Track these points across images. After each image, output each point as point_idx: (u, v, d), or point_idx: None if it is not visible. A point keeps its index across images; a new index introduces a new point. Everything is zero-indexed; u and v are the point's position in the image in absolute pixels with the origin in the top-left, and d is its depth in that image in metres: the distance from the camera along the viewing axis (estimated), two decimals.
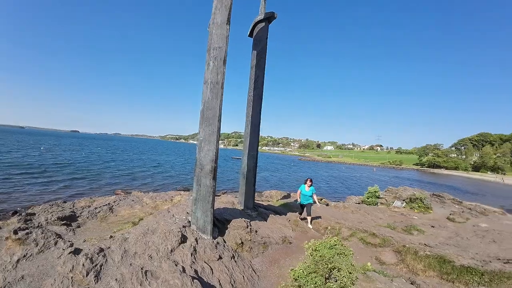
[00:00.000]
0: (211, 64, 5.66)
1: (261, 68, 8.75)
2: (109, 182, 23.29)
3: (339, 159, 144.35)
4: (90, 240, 5.46)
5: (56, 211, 7.20)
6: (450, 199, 18.54)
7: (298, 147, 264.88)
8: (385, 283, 3.80)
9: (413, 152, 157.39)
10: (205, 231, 5.52)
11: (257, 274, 5.04)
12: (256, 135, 8.86)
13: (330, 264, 3.44)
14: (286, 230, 7.74)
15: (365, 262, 5.50)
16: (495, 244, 8.33)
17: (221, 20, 5.70)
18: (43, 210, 7.36)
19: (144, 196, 10.65)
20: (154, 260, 4.34)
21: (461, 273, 5.31)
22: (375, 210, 14.15)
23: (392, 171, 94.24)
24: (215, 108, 5.54)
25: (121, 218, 7.66)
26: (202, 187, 5.64)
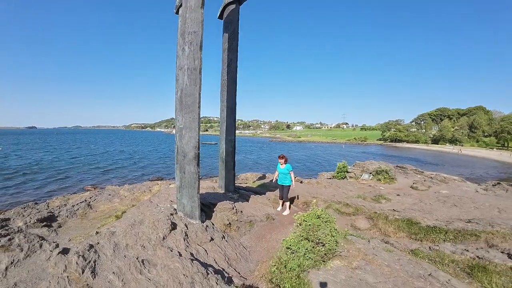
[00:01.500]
0: (187, 49, 5.59)
1: (233, 51, 8.71)
2: (77, 178, 22.28)
3: (308, 138, 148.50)
4: (75, 239, 5.37)
5: (34, 213, 6.88)
6: (412, 170, 20.13)
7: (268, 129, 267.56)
8: (364, 244, 4.26)
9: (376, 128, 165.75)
10: (193, 216, 5.65)
11: (247, 250, 5.31)
12: (233, 120, 8.95)
13: (319, 230, 3.78)
14: (268, 208, 8.07)
15: (342, 229, 5.97)
16: (456, 208, 9.28)
17: (195, 3, 5.58)
18: (17, 214, 6.99)
19: (120, 189, 10.40)
20: (148, 249, 4.42)
21: (428, 232, 5.97)
22: (346, 184, 15.01)
23: (359, 147, 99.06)
24: (194, 95, 5.54)
25: (101, 213, 7.51)
26: (187, 174, 5.70)
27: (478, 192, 12.94)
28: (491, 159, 59.36)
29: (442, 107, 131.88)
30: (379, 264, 3.61)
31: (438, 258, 4.27)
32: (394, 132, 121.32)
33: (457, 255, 4.36)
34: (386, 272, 3.46)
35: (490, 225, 6.14)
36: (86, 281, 3.54)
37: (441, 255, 4.36)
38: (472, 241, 5.59)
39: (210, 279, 3.34)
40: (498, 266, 4.08)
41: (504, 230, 5.86)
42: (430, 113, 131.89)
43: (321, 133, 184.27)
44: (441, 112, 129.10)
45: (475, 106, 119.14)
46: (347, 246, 4.10)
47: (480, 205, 9.54)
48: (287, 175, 8.00)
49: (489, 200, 10.43)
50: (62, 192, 16.63)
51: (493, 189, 13.60)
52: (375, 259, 3.73)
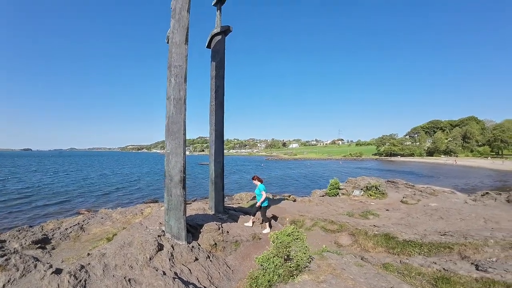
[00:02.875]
0: (173, 81, 6.10)
1: (220, 78, 9.27)
2: (71, 202, 22.32)
3: (304, 155, 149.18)
4: (68, 260, 5.62)
5: (28, 236, 7.14)
6: (403, 184, 20.48)
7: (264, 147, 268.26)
8: (337, 259, 4.56)
9: (371, 143, 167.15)
10: (179, 238, 5.94)
11: (231, 269, 5.58)
12: (221, 142, 9.38)
13: (288, 247, 4.11)
14: (255, 228, 8.34)
15: (325, 246, 6.27)
16: (442, 221, 9.58)
17: (180, 40, 6.14)
18: (13, 236, 7.23)
19: (113, 213, 10.63)
20: (135, 269, 4.70)
21: (404, 246, 6.29)
22: (337, 201, 15.30)
23: (355, 162, 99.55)
24: (179, 123, 5.99)
25: (93, 236, 7.75)
26: (173, 197, 6.05)
27: (467, 203, 13.28)
28: (486, 168, 59.86)
29: (434, 120, 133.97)
30: (344, 278, 3.92)
31: (406, 271, 4.58)
32: (389, 147, 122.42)
33: (424, 268, 4.67)
34: (349, 285, 3.76)
35: (464, 237, 6.45)
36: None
37: (410, 268, 4.67)
38: (445, 254, 5.90)
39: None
40: (463, 277, 4.37)
41: (477, 241, 6.17)
42: (423, 126, 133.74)
43: (317, 150, 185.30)
44: (433, 124, 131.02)
45: (467, 116, 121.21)
46: (319, 262, 4.42)
47: (466, 216, 9.86)
48: (259, 196, 8.30)
49: (476, 211, 10.74)
50: (56, 215, 16.68)
51: (481, 199, 13.95)
52: (342, 273, 4.04)
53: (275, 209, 12.22)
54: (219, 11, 9.37)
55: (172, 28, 6.22)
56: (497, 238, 6.00)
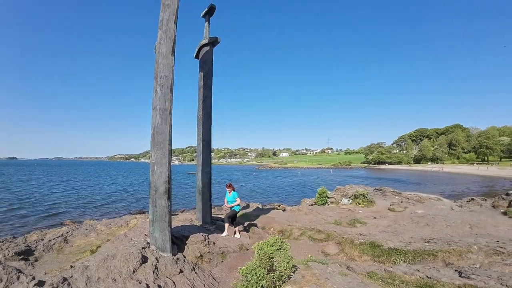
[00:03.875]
0: (159, 91, 6.11)
1: (208, 89, 9.33)
2: (57, 212, 21.74)
3: (295, 164, 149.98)
4: (50, 272, 5.46)
5: (12, 247, 6.93)
6: (390, 192, 20.76)
7: (255, 156, 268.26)
8: (321, 269, 4.59)
9: (360, 152, 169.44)
10: (164, 250, 5.86)
11: (217, 281, 5.52)
12: (208, 152, 9.38)
13: (271, 258, 4.12)
14: (243, 239, 8.29)
15: (312, 255, 6.28)
16: (428, 227, 9.73)
17: (166, 51, 6.19)
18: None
19: (98, 224, 10.40)
20: (118, 282, 4.61)
21: (389, 254, 6.37)
22: (326, 209, 15.37)
23: (345, 171, 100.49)
24: (164, 133, 5.98)
25: (77, 248, 7.56)
26: (158, 208, 5.99)
27: (453, 210, 13.53)
28: (472, 174, 61.36)
29: (420, 128, 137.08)
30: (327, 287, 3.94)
31: (390, 279, 4.63)
32: (377, 155, 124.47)
33: (408, 276, 4.73)
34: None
35: (448, 243, 6.58)
36: None
37: (393, 276, 4.73)
38: (430, 261, 6.00)
39: None
40: (446, 285, 4.44)
41: (461, 248, 6.30)
42: (410, 134, 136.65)
43: (306, 159, 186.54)
44: (420, 132, 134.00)
45: (452, 124, 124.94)
46: (304, 272, 4.43)
47: (452, 222, 10.04)
48: (234, 202, 8.56)
49: (462, 217, 10.95)
50: (41, 226, 16.23)
51: (467, 205, 14.24)
52: (326, 283, 4.05)
53: (264, 219, 12.20)
54: (207, 23, 9.50)
55: (159, 39, 6.27)
56: (480, 245, 6.14)
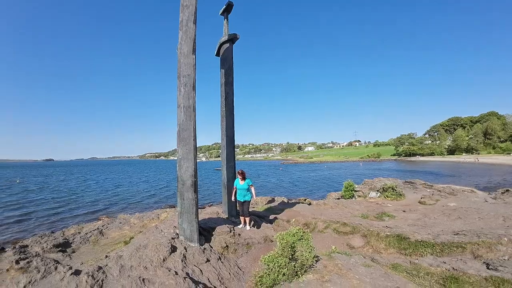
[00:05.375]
0: (182, 90, 6.37)
1: (230, 85, 9.52)
2: (93, 208, 23.16)
3: (320, 158, 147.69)
4: (87, 262, 5.95)
5: (50, 240, 7.56)
6: (421, 184, 19.98)
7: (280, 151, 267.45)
8: (344, 260, 4.61)
9: (389, 144, 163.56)
10: (192, 240, 6.15)
11: (242, 270, 5.72)
12: (232, 147, 9.59)
13: (293, 248, 4.21)
14: (268, 231, 8.45)
15: (336, 248, 6.29)
16: (460, 220, 9.35)
17: (187, 50, 6.43)
18: (35, 242, 7.67)
19: (131, 218, 11.05)
20: (149, 270, 4.93)
21: (416, 247, 6.22)
22: (352, 203, 15.13)
23: (374, 164, 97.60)
24: (189, 129, 6.24)
25: (112, 240, 8.11)
26: (186, 200, 6.28)
27: (487, 202, 12.86)
28: (510, 165, 57.42)
29: (454, 117, 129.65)
30: (350, 278, 3.96)
31: (415, 271, 4.57)
32: (408, 146, 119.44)
33: (433, 268, 4.64)
34: (354, 284, 3.81)
35: (477, 235, 6.32)
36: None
37: (418, 268, 4.66)
38: (458, 253, 5.81)
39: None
40: (472, 277, 4.33)
41: (490, 240, 6.03)
42: (443, 124, 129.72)
43: (333, 153, 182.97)
44: (453, 121, 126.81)
45: (487, 112, 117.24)
46: (326, 262, 4.48)
47: (485, 215, 9.58)
48: (247, 190, 8.10)
49: (496, 209, 10.42)
50: (78, 221, 17.42)
51: (502, 196, 13.49)
52: (348, 273, 4.08)
53: (288, 212, 12.26)
54: (226, 20, 9.66)
55: (180, 39, 6.51)
56: (511, 236, 5.85)
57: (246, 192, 8.07)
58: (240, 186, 8.05)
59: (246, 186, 8.03)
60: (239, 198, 8.12)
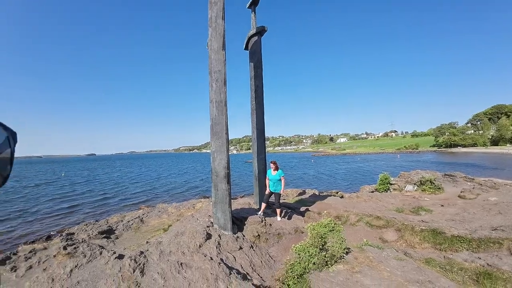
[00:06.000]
0: (214, 85, 6.60)
1: (259, 78, 9.63)
2: (133, 199, 24.64)
3: (354, 150, 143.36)
4: (129, 247, 6.48)
5: (95, 228, 8.29)
6: (462, 177, 18.83)
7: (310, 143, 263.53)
8: (376, 253, 4.61)
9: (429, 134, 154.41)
10: (226, 228, 6.45)
11: (273, 259, 5.92)
12: (262, 140, 9.75)
13: (323, 238, 4.29)
14: (298, 222, 8.57)
15: (366, 240, 6.26)
16: (500, 216, 8.81)
17: (217, 46, 6.63)
18: (81, 230, 8.46)
19: (169, 207, 11.72)
20: (187, 255, 5.29)
21: (452, 242, 6.01)
22: (387, 197, 14.71)
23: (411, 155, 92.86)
24: (222, 123, 6.48)
25: (152, 227, 8.70)
26: (219, 191, 6.58)
27: None
28: None
29: (497, 104, 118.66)
30: (380, 270, 3.97)
31: (448, 266, 4.46)
32: (448, 137, 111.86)
33: (467, 263, 4.50)
34: (384, 276, 3.81)
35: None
36: (136, 279, 4.48)
37: (452, 263, 4.53)
38: (495, 249, 5.54)
39: (231, 277, 4.06)
40: (506, 273, 4.15)
41: None
42: (486, 112, 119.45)
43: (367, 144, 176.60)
44: (497, 109, 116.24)
45: None
46: (357, 254, 4.51)
47: None
48: (279, 182, 8.04)
49: None
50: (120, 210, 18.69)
51: None
52: (379, 265, 4.08)
53: (320, 204, 12.24)
54: (253, 13, 9.72)
55: (210, 36, 6.72)
56: None
57: (278, 183, 8.04)
58: (272, 177, 8.02)
59: (278, 177, 7.98)
60: (271, 188, 8.11)
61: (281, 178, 8.01)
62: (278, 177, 7.98)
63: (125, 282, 4.45)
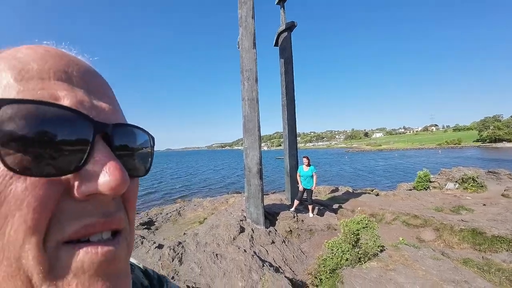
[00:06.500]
0: (246, 84, 6.78)
1: (289, 75, 9.62)
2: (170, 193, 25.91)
3: (391, 146, 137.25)
4: (168, 238, 6.90)
5: (136, 219, 8.88)
6: (506, 175, 17.37)
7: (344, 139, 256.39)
8: (412, 252, 4.51)
9: (472, 128, 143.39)
10: (258, 223, 6.64)
11: (305, 254, 6.00)
12: (294, 136, 9.79)
13: (356, 235, 4.29)
14: (331, 219, 8.52)
15: (402, 239, 6.11)
16: None
17: (248, 45, 6.78)
18: None
19: (204, 201, 12.20)
20: (221, 246, 5.56)
21: (492, 242, 5.70)
22: (426, 195, 14.04)
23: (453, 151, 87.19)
24: (254, 121, 6.65)
25: (188, 220, 9.16)
26: (252, 186, 6.78)
27: None
28: None
29: None
30: (416, 268, 3.90)
31: (486, 267, 4.30)
32: (493, 131, 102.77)
33: (505, 264, 4.30)
34: (419, 275, 3.74)
35: None
36: (174, 267, 4.82)
37: (490, 263, 4.36)
38: None
39: (264, 268, 4.23)
40: None
41: None
42: None
43: (405, 139, 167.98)
44: None
45: None
46: (392, 253, 4.44)
47: None
48: (311, 178, 7.91)
49: None
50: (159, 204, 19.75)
51: None
52: (414, 264, 4.02)
53: (353, 202, 12.03)
54: (282, 9, 9.72)
55: (241, 35, 6.89)
56: None
57: (310, 179, 7.93)
58: (304, 172, 7.94)
59: (310, 173, 7.88)
60: (304, 185, 8.01)
61: (313, 174, 7.92)
62: (310, 173, 7.89)
63: (165, 270, 4.81)
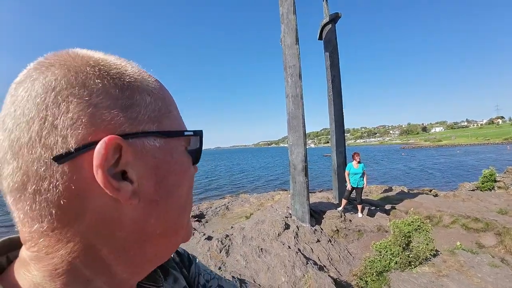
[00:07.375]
0: (289, 80, 6.76)
1: (335, 68, 9.29)
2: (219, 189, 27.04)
3: (452, 141, 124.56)
4: (217, 231, 7.22)
5: None
6: None
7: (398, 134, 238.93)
8: (468, 257, 4.09)
9: None
10: (303, 220, 6.60)
11: (352, 255, 5.80)
12: (341, 132, 9.46)
13: (408, 237, 4.02)
14: (382, 220, 8.09)
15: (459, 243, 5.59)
16: None
17: (291, 41, 6.73)
18: None
19: (250, 197, 12.51)
20: (266, 241, 5.67)
21: None
22: (490, 196, 12.53)
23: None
24: (298, 117, 6.61)
25: (236, 214, 9.48)
26: (297, 184, 6.76)
27: None
28: None
29: None
30: (470, 275, 3.54)
31: None
32: None
33: None
34: (473, 282, 3.41)
35: None
36: (222, 258, 5.05)
37: None
38: None
39: (308, 266, 4.22)
40: None
41: None
42: None
43: (468, 133, 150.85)
44: None
45: None
46: (446, 258, 4.08)
47: None
48: (361, 176, 7.54)
49: None
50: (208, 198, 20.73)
51: None
52: (470, 271, 3.65)
53: (408, 203, 11.25)
54: (325, 1, 9.40)
55: (283, 32, 6.87)
56: None
57: (359, 178, 7.56)
58: (354, 170, 7.57)
59: (360, 171, 7.53)
60: (353, 183, 7.64)
61: (363, 171, 7.60)
62: (361, 170, 7.55)
63: (213, 260, 5.07)
